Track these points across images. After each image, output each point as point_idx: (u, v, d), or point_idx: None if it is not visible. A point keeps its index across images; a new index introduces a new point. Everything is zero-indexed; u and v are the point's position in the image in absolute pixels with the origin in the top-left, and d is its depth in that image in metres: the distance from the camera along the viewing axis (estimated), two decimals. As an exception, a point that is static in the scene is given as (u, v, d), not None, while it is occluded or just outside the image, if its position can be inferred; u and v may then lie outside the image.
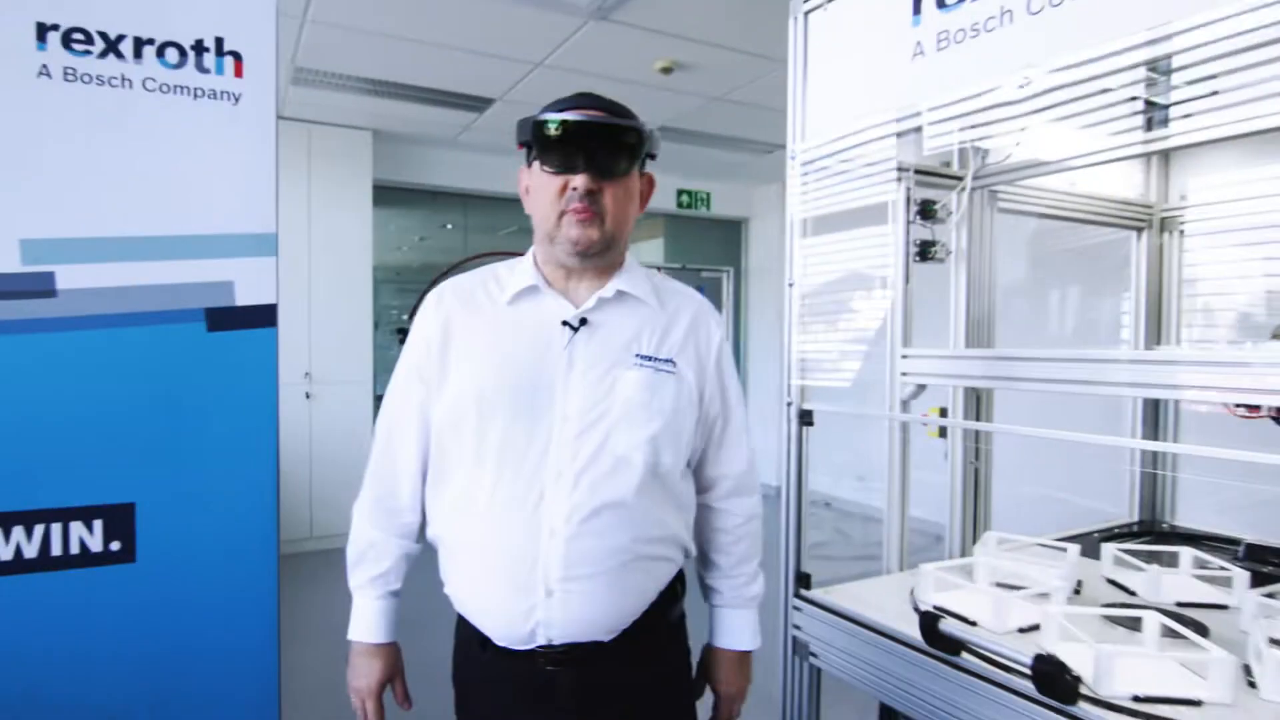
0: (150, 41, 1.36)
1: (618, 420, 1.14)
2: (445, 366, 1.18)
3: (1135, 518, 2.32)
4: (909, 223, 1.82)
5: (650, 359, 1.18)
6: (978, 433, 1.99)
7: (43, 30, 1.29)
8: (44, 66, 1.30)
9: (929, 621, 1.34)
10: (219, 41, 1.40)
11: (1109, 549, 1.77)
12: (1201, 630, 1.31)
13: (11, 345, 1.29)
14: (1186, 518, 2.29)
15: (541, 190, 1.15)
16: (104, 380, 1.35)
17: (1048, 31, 1.23)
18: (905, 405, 1.79)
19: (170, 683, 1.44)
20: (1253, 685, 1.18)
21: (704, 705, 1.33)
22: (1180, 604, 1.50)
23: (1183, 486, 2.30)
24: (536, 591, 1.11)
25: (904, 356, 1.76)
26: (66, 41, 1.31)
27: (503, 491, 1.12)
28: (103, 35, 1.33)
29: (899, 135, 1.56)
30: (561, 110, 1.12)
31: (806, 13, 1.70)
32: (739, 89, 4.30)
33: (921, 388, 1.79)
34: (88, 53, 1.32)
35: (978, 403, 2.00)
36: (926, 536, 2.30)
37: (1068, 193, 2.09)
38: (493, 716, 1.20)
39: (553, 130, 1.10)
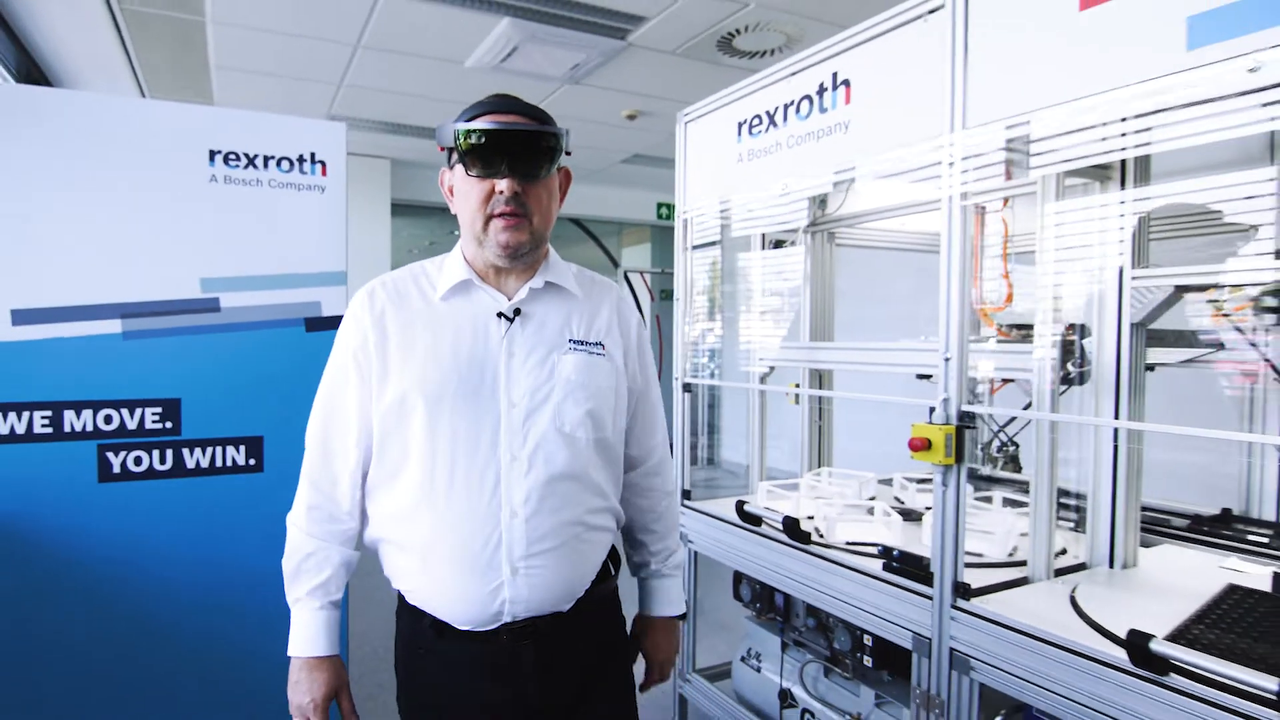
0: (272, 157, 2.25)
1: (561, 401, 1.21)
2: (385, 364, 1.20)
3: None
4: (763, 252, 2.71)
5: (582, 343, 1.25)
6: (820, 400, 2.87)
7: (212, 154, 2.19)
8: (213, 175, 2.19)
9: (748, 515, 2.23)
10: (312, 155, 2.30)
11: (899, 478, 2.65)
12: (916, 516, 2.19)
13: (195, 341, 2.19)
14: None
15: (467, 194, 1.19)
16: (247, 361, 2.24)
17: (796, 159, 2.10)
18: (762, 380, 2.68)
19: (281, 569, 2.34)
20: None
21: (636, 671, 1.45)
22: (928, 507, 2.38)
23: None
24: (502, 571, 1.17)
25: (759, 346, 2.66)
26: (225, 160, 2.21)
27: (459, 480, 1.17)
28: (246, 155, 2.22)
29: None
30: (482, 114, 1.17)
31: (686, 122, 2.59)
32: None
33: (771, 369, 2.68)
34: (237, 165, 2.22)
35: (820, 378, 2.87)
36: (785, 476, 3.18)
37: (883, 229, 2.96)
38: (451, 699, 1.23)
39: (475, 139, 1.14)
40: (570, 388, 1.22)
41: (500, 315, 1.22)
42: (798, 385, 2.89)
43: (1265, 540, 2.10)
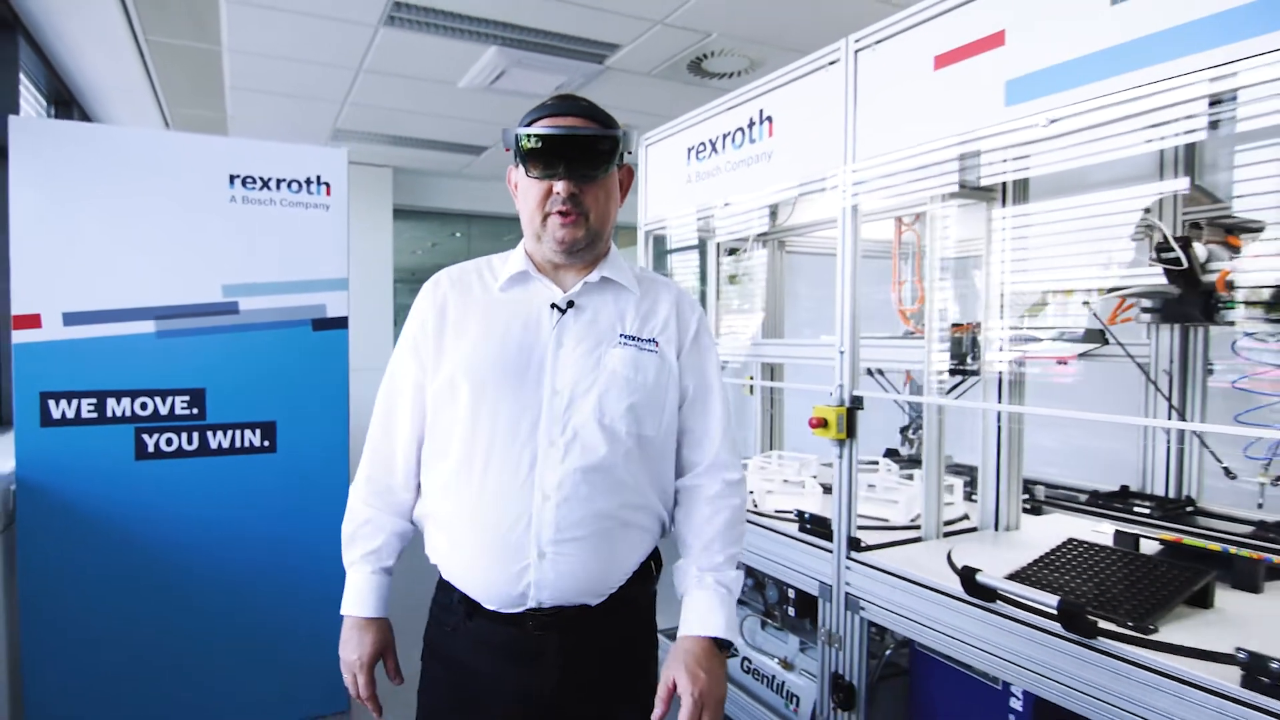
0: (284, 180, 2.60)
1: (603, 393, 1.22)
2: (441, 346, 1.26)
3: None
4: (718, 261, 3.05)
5: (634, 339, 1.26)
6: (771, 390, 3.20)
7: (232, 178, 2.54)
8: (233, 196, 2.54)
9: None
10: (318, 177, 2.64)
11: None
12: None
13: (217, 339, 2.54)
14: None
15: (527, 193, 1.24)
16: (262, 356, 2.59)
17: (735, 180, 2.44)
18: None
19: (291, 536, 2.69)
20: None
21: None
22: (871, 485, 2.70)
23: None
24: (529, 553, 1.18)
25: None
26: (244, 183, 2.56)
27: (497, 460, 1.20)
28: (261, 178, 2.57)
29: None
30: (542, 118, 1.22)
31: (647, 146, 2.93)
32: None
33: (725, 363, 3.01)
34: (254, 187, 2.57)
35: (772, 371, 3.20)
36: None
37: (826, 237, 3.28)
38: (472, 679, 1.25)
39: (534, 142, 1.19)
40: (614, 380, 1.23)
41: (554, 306, 1.25)
42: (752, 378, 3.23)
43: (1146, 511, 2.43)
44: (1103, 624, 1.46)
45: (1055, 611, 1.46)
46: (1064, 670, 1.48)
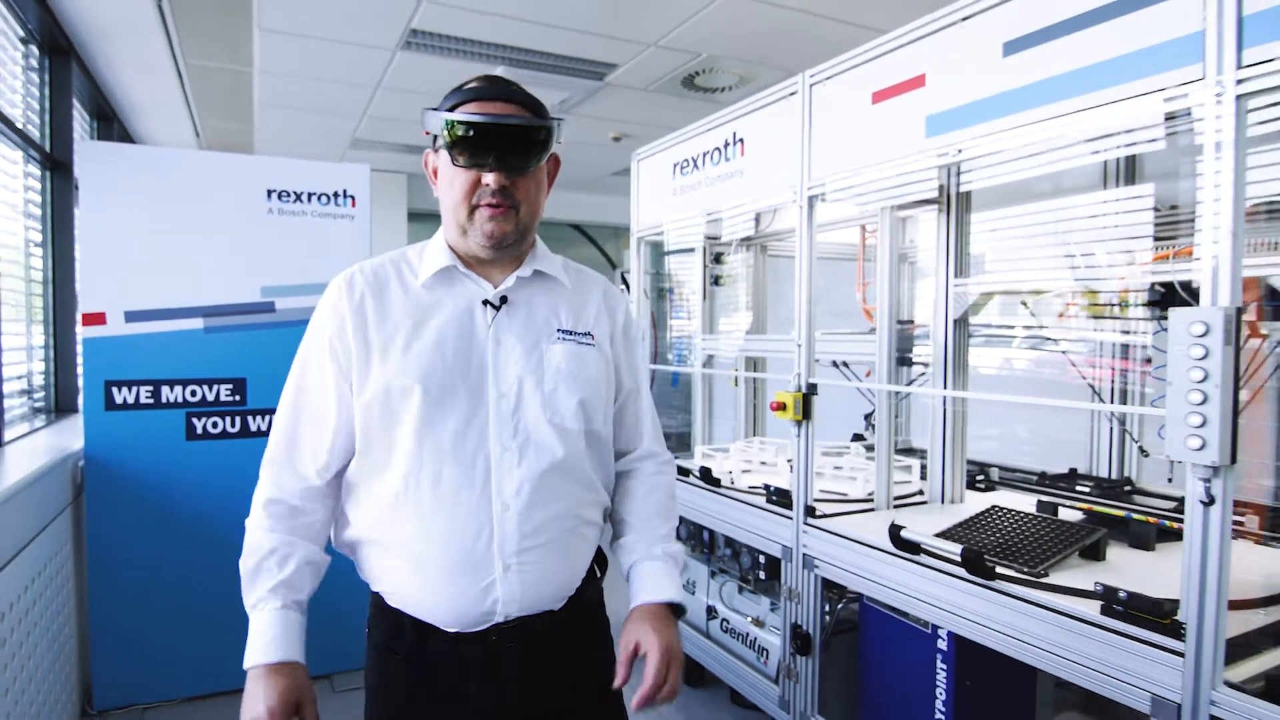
0: (314, 194, 2.93)
1: (550, 391, 1.16)
2: (367, 355, 1.14)
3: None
4: (705, 265, 3.36)
5: (570, 333, 1.21)
6: (754, 381, 3.50)
7: (269, 192, 2.88)
8: (270, 208, 2.88)
9: (704, 473, 2.88)
10: (345, 191, 2.97)
11: (818, 446, 3.29)
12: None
13: (257, 334, 2.87)
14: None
15: (452, 183, 1.14)
16: (296, 349, 2.92)
17: (714, 193, 2.74)
18: (707, 364, 3.31)
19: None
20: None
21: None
22: (837, 467, 3.01)
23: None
24: (494, 568, 1.11)
25: (703, 338, 3.31)
26: (279, 197, 2.89)
27: (448, 474, 1.11)
28: (294, 192, 2.90)
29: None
30: (468, 101, 1.11)
31: (639, 160, 3.24)
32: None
33: (710, 356, 3.33)
34: (288, 201, 2.90)
35: (755, 365, 3.50)
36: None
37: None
38: (426, 703, 1.16)
39: (463, 130, 1.09)
40: (559, 377, 1.18)
41: (486, 303, 1.18)
42: (737, 370, 3.54)
43: (1087, 490, 2.72)
44: (1003, 570, 1.76)
45: (959, 558, 1.76)
46: (974, 610, 1.78)
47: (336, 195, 2.96)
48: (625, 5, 3.28)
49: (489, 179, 1.12)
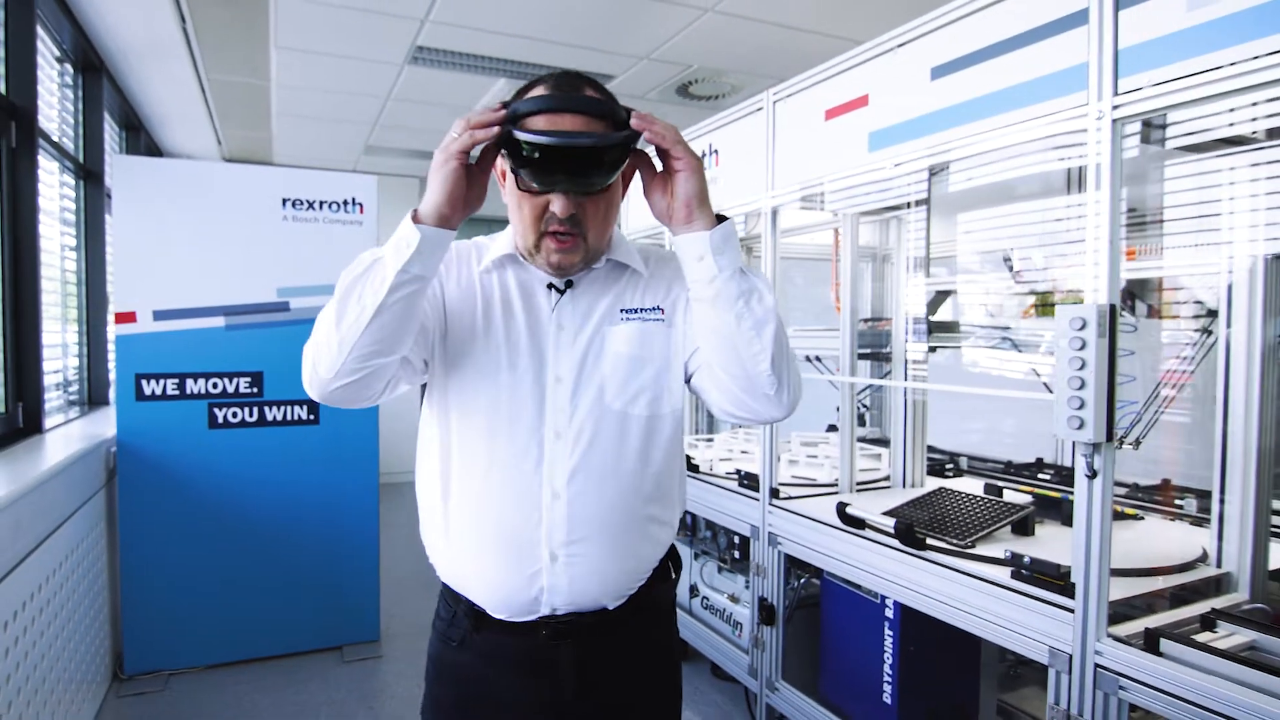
0: (326, 202, 3.17)
1: (608, 377, 1.12)
2: (445, 304, 1.13)
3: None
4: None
5: (636, 311, 1.14)
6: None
7: (284, 201, 3.12)
8: (285, 215, 3.12)
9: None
10: (354, 199, 3.21)
11: (797, 436, 3.49)
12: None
13: (273, 332, 3.11)
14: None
15: (519, 206, 1.07)
16: (308, 346, 3.16)
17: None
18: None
19: (330, 492, 3.26)
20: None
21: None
22: (812, 456, 3.21)
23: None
24: (540, 556, 1.09)
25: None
26: (294, 205, 3.13)
27: (500, 456, 1.10)
28: (307, 201, 3.15)
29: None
30: (537, 112, 0.99)
31: (627, 167, 3.45)
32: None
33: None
34: (302, 208, 3.14)
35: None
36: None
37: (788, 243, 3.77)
38: (481, 695, 1.15)
39: (527, 151, 0.97)
40: (618, 362, 1.12)
41: (550, 286, 1.14)
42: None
43: (1048, 477, 2.89)
44: (934, 541, 1.96)
45: (893, 531, 1.96)
46: (912, 579, 1.97)
47: (346, 203, 3.20)
48: (617, 22, 3.49)
49: (556, 207, 1.04)
